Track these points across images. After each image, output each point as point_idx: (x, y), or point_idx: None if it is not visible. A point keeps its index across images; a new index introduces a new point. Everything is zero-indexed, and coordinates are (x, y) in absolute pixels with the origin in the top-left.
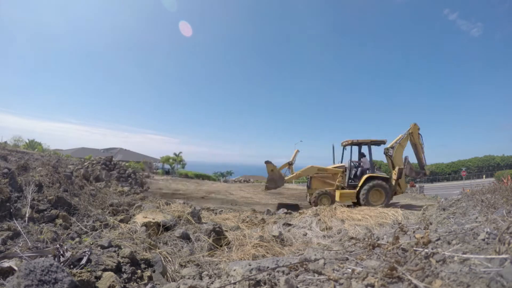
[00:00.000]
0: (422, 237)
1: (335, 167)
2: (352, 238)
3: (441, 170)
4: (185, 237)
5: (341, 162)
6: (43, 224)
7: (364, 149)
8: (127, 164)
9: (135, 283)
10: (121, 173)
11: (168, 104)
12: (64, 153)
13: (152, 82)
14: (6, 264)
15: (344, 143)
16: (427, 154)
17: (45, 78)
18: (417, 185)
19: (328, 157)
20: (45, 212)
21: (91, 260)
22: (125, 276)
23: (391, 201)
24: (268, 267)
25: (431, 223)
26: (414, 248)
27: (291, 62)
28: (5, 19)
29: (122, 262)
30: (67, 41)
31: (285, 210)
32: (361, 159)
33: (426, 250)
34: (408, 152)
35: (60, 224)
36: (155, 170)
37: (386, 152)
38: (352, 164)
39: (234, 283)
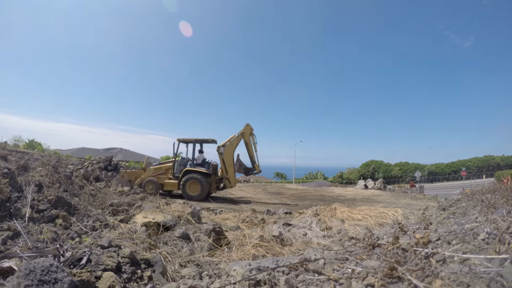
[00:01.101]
0: (422, 237)
1: (168, 162)
2: (352, 238)
3: (441, 170)
4: (185, 237)
5: (175, 157)
6: (43, 224)
7: (205, 147)
8: (127, 164)
9: (135, 283)
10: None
11: (168, 104)
12: (64, 153)
13: (152, 82)
14: (6, 264)
15: (178, 140)
16: (428, 154)
17: (45, 78)
18: (417, 185)
19: (327, 158)
20: (45, 212)
21: (91, 260)
22: (125, 276)
23: (214, 194)
24: (268, 267)
25: (431, 223)
26: (414, 248)
27: (291, 62)
28: (5, 19)
29: (122, 262)
30: (67, 41)
31: (285, 210)
32: (198, 155)
33: (426, 250)
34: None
35: (60, 224)
36: None
37: (218, 150)
38: (184, 159)
39: (234, 283)
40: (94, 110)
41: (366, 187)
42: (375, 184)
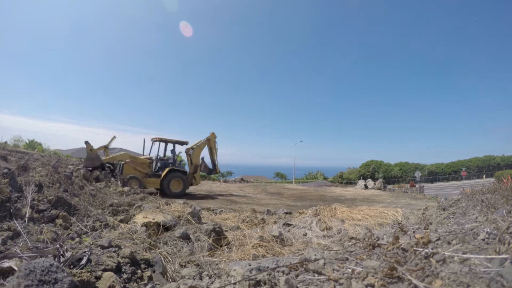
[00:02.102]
0: (422, 237)
1: (145, 158)
2: (352, 238)
3: (441, 170)
4: (185, 237)
5: (149, 155)
6: (43, 224)
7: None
8: None
9: (135, 283)
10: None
11: (168, 103)
12: (64, 153)
13: (152, 82)
14: (6, 264)
15: (153, 139)
16: (427, 155)
17: (46, 78)
18: (417, 185)
19: (327, 158)
20: (45, 212)
21: (91, 260)
22: (125, 276)
23: (188, 191)
24: (268, 267)
25: (431, 223)
26: (414, 248)
27: (292, 62)
28: (5, 19)
29: (122, 262)
30: (68, 41)
31: (285, 210)
32: (170, 154)
33: (426, 250)
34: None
35: (60, 224)
36: None
37: (187, 151)
38: (158, 157)
39: (234, 283)
40: (94, 110)
41: (366, 187)
42: (375, 184)
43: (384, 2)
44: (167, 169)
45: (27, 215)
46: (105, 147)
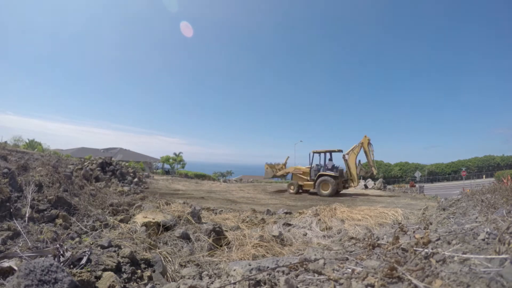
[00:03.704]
0: (422, 237)
1: (307, 167)
2: (352, 238)
3: (441, 170)
4: (185, 237)
5: (311, 165)
6: (43, 224)
7: (335, 156)
8: (127, 164)
9: (135, 283)
10: (121, 172)
11: (168, 104)
12: (64, 153)
13: (151, 82)
14: (6, 264)
15: (312, 152)
16: (425, 155)
17: (46, 78)
18: (417, 185)
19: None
20: (45, 212)
21: (91, 260)
22: (125, 276)
23: (344, 191)
24: (268, 267)
25: (431, 223)
26: (414, 248)
27: (292, 61)
28: (5, 19)
29: (122, 262)
30: (68, 41)
31: (285, 210)
32: (328, 162)
33: (426, 250)
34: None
35: (60, 224)
36: (155, 170)
37: (343, 157)
38: (317, 166)
39: (234, 283)
40: (95, 111)
41: (366, 187)
42: (375, 184)
43: (384, 3)
44: (317, 174)
45: (27, 215)
46: (283, 165)
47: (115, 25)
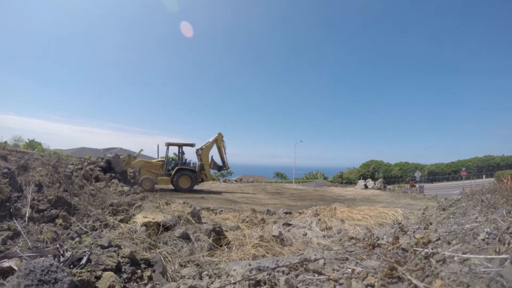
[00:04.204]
0: (422, 237)
1: (158, 161)
2: (352, 238)
3: (441, 170)
4: (185, 237)
5: (166, 158)
6: (43, 224)
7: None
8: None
9: (135, 283)
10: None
11: (168, 103)
12: (64, 153)
13: (152, 82)
14: (6, 264)
15: (166, 144)
16: (424, 154)
17: (46, 78)
18: (417, 185)
19: (327, 158)
20: (45, 212)
21: (91, 260)
22: (125, 276)
23: (197, 187)
24: (268, 267)
25: (431, 223)
26: (414, 248)
27: (293, 61)
28: (6, 19)
29: (122, 262)
30: (68, 41)
31: (285, 210)
32: (182, 156)
33: (426, 250)
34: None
35: (60, 224)
36: None
37: (197, 152)
38: (169, 159)
39: (234, 283)
40: (95, 110)
41: (366, 187)
42: (375, 184)
43: (384, 3)
44: (175, 168)
45: (27, 215)
46: (134, 157)
47: (115, 25)
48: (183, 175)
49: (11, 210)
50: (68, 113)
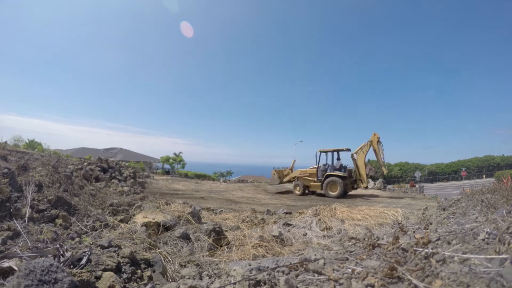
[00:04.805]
0: (422, 237)
1: (312, 168)
2: (352, 238)
3: (441, 170)
4: (185, 237)
5: (317, 165)
6: (43, 224)
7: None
8: (127, 164)
9: (135, 283)
10: (120, 173)
11: (168, 104)
12: (64, 153)
13: (152, 82)
14: (6, 264)
15: (319, 151)
16: (424, 154)
17: (46, 79)
18: (417, 185)
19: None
20: (45, 212)
21: (91, 260)
22: (125, 276)
23: (354, 192)
24: (268, 267)
25: (431, 223)
26: (414, 248)
27: (293, 62)
28: (6, 19)
29: (122, 262)
30: (68, 41)
31: (285, 210)
32: (336, 161)
33: (426, 250)
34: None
35: (60, 224)
36: (155, 170)
37: (352, 156)
38: (324, 166)
39: (234, 283)
40: (95, 110)
41: (366, 187)
42: (375, 184)
43: (384, 3)
44: (325, 175)
45: (27, 215)
46: (290, 169)
47: (115, 26)
48: (331, 181)
49: (11, 210)
50: (68, 113)
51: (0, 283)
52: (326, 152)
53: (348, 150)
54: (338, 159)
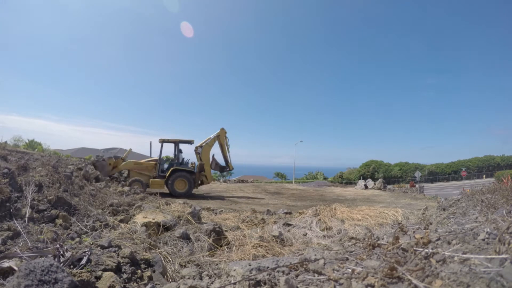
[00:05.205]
0: (422, 237)
1: (148, 161)
2: (352, 238)
3: (441, 170)
4: (185, 237)
5: (160, 156)
6: (43, 224)
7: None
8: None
9: (135, 283)
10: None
11: (168, 104)
12: (64, 153)
13: (152, 82)
14: (6, 264)
15: (160, 140)
16: (424, 154)
17: (47, 79)
18: (417, 185)
19: (327, 158)
20: (45, 212)
21: (91, 260)
22: (125, 276)
23: (196, 191)
24: (268, 267)
25: (431, 223)
26: (414, 248)
27: (293, 62)
28: (6, 19)
29: (122, 262)
30: (69, 41)
31: (285, 210)
32: (179, 154)
33: (426, 250)
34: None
35: (60, 224)
36: None
37: (196, 150)
38: (164, 159)
39: (234, 283)
40: (95, 110)
41: (366, 187)
42: (375, 184)
43: (383, 3)
44: (170, 169)
45: (27, 215)
46: (122, 159)
47: (115, 26)
48: (179, 177)
49: (11, 210)
50: (68, 113)
51: (0, 283)
52: (169, 142)
53: (191, 142)
54: (180, 151)
